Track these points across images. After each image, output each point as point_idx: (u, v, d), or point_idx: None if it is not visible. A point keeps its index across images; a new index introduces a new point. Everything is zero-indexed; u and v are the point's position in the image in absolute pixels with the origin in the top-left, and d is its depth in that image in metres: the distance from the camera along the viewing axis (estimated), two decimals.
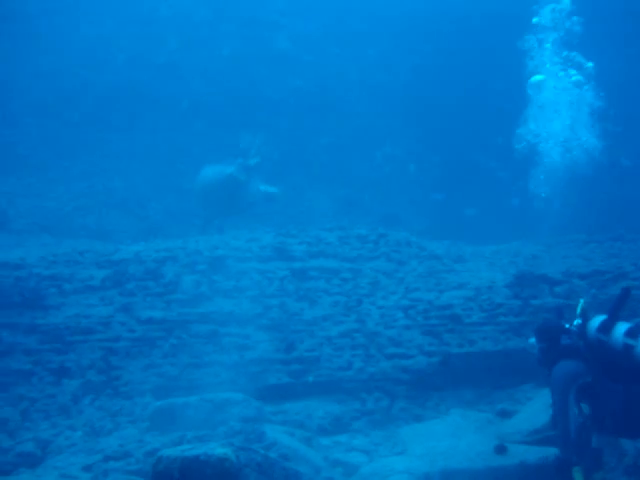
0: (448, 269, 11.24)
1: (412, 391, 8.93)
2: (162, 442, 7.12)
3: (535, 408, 7.62)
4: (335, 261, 11.22)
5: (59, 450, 7.18)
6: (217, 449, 5.05)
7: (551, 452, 6.76)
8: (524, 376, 8.71)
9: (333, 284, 10.63)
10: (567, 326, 5.53)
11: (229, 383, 8.83)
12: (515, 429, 7.49)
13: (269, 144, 19.28)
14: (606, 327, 5.03)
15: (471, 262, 12.07)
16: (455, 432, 7.64)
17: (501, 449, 7.00)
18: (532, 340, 5.89)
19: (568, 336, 5.45)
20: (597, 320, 5.17)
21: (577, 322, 5.37)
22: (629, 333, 4.87)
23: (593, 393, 5.13)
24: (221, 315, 9.73)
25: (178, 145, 19.14)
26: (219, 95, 19.74)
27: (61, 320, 9.56)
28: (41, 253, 11.35)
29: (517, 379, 8.83)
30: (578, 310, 5.44)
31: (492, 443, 7.12)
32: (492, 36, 17.87)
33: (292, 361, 9.20)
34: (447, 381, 9.01)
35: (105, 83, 19.51)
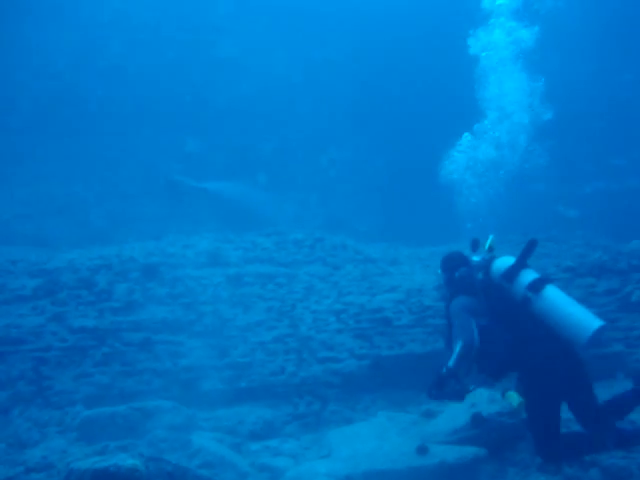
0: (382, 272, 11.39)
1: (343, 394, 9.02)
2: (86, 453, 7.10)
3: (457, 408, 7.79)
4: (271, 266, 11.31)
5: None
6: (127, 460, 5.08)
7: (469, 451, 6.99)
8: None
9: (268, 289, 10.71)
10: (473, 259, 5.49)
11: (162, 391, 8.83)
12: (437, 429, 7.66)
13: (214, 150, 19.36)
14: (510, 275, 5.06)
15: (406, 265, 12.23)
16: (381, 434, 7.78)
17: (422, 450, 7.16)
18: (439, 271, 5.78)
19: (468, 269, 5.42)
20: (503, 263, 5.18)
21: (483, 257, 5.40)
22: (532, 287, 4.92)
23: (484, 334, 5.05)
24: (154, 323, 9.73)
25: (122, 150, 18.97)
26: (164, 100, 19.63)
27: None
28: None
29: None
30: (487, 245, 5.49)
31: (415, 444, 7.29)
32: (440, 38, 18.03)
33: (225, 367, 9.24)
34: (378, 384, 9.13)
35: (46, 88, 19.23)
